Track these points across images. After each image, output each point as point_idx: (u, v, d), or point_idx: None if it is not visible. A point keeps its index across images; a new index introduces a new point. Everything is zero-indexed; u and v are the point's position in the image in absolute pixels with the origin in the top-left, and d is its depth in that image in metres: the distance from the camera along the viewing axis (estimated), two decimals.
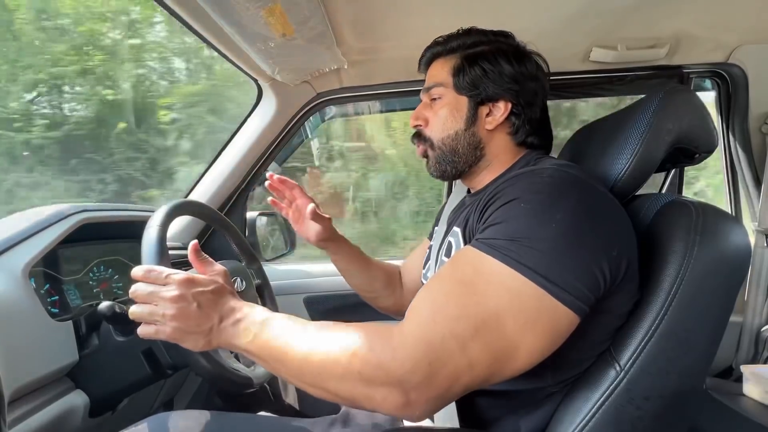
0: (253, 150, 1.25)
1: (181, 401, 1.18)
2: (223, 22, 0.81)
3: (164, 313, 0.53)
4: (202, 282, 0.56)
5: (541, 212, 0.51)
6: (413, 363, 0.46)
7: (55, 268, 0.80)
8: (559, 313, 0.48)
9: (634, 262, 0.54)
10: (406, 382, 0.46)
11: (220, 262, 0.89)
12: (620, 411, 0.54)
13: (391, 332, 0.49)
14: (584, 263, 0.49)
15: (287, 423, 0.72)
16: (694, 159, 0.71)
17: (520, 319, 0.47)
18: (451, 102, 0.70)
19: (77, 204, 0.84)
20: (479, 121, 0.70)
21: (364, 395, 0.47)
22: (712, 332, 0.56)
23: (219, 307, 0.55)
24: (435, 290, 0.52)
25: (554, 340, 0.50)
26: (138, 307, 0.55)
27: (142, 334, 0.55)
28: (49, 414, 0.68)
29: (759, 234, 1.16)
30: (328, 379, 0.49)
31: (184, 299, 0.53)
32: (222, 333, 0.54)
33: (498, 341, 0.47)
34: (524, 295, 0.48)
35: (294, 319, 0.55)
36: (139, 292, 0.54)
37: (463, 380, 0.47)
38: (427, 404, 0.47)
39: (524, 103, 0.69)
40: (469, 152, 0.70)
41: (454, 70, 0.70)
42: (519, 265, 0.48)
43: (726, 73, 1.17)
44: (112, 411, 0.81)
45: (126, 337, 0.73)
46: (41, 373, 0.68)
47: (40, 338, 0.69)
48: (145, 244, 0.65)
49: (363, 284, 0.96)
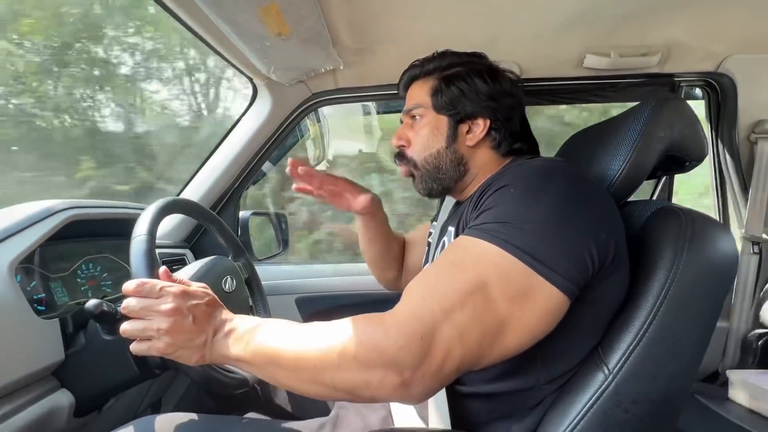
0: (247, 149, 1.24)
1: (169, 402, 1.16)
2: (219, 20, 0.80)
3: (158, 328, 0.52)
4: (197, 294, 0.56)
5: (530, 196, 0.53)
6: (406, 339, 0.46)
7: (42, 265, 0.78)
8: (548, 292, 0.49)
9: (622, 247, 0.55)
10: (400, 360, 0.46)
11: (210, 259, 0.89)
12: (608, 414, 0.55)
13: (383, 316, 0.50)
14: (572, 245, 0.50)
15: (276, 426, 0.71)
16: (684, 167, 0.72)
17: (507, 294, 0.48)
18: (431, 122, 0.73)
19: (65, 201, 0.82)
20: (460, 138, 0.72)
21: (362, 381, 0.47)
22: (700, 337, 0.57)
23: (212, 320, 0.55)
24: (426, 273, 0.54)
25: (545, 321, 0.50)
26: (130, 323, 0.53)
27: (135, 351, 0.53)
28: (33, 413, 0.67)
29: (745, 241, 1.18)
30: (325, 371, 0.48)
31: (179, 312, 0.52)
32: (215, 346, 0.54)
33: (486, 314, 0.48)
34: (512, 273, 0.49)
35: (284, 321, 0.54)
36: (131, 307, 0.53)
37: (455, 354, 0.47)
38: (423, 383, 0.47)
39: (502, 119, 0.71)
40: (453, 168, 0.73)
41: (433, 91, 0.73)
42: (507, 244, 0.49)
43: (716, 83, 1.19)
44: (98, 411, 0.80)
45: (113, 336, 0.72)
46: (26, 371, 0.66)
47: (26, 336, 0.68)
48: (134, 255, 0.63)
49: (379, 254, 0.98)
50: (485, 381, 0.61)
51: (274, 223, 1.43)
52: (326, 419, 0.73)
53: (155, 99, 2.89)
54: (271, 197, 1.90)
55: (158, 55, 2.82)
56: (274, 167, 1.42)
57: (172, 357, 0.53)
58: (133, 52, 2.71)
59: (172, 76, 2.87)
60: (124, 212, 0.97)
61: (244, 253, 0.97)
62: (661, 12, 0.93)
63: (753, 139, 1.17)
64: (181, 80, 2.89)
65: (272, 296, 1.08)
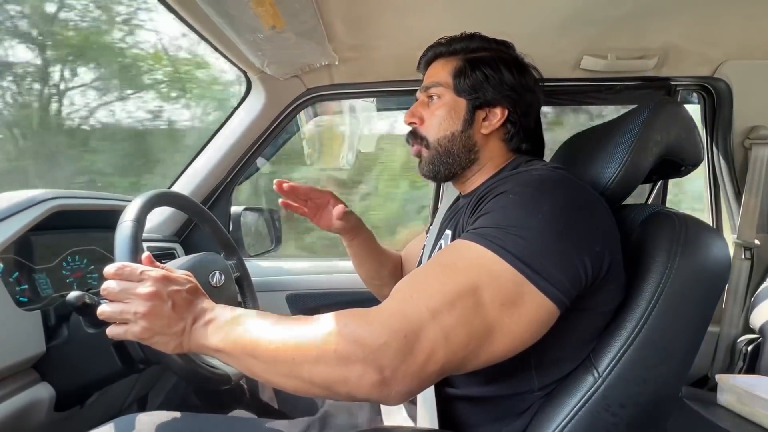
0: (240, 143, 1.23)
1: (155, 398, 1.15)
2: (212, 11, 0.79)
3: (135, 311, 0.51)
4: (179, 280, 0.54)
5: (529, 204, 0.52)
6: (389, 334, 0.45)
7: (26, 256, 0.77)
8: (538, 301, 0.48)
9: (617, 259, 0.55)
10: (381, 356, 0.45)
11: (199, 254, 0.88)
12: (596, 418, 0.54)
13: (367, 311, 0.49)
14: (567, 256, 0.49)
15: (261, 424, 0.70)
16: (680, 171, 0.72)
17: (497, 299, 0.47)
18: (449, 103, 0.70)
19: (50, 190, 0.81)
20: (475, 124, 0.70)
21: (341, 376, 0.46)
22: (690, 341, 0.57)
23: (192, 307, 0.54)
24: (417, 273, 0.53)
25: (533, 330, 0.49)
26: (108, 305, 0.52)
27: (111, 335, 0.53)
28: (11, 406, 0.66)
29: (737, 246, 1.18)
30: (303, 364, 0.47)
31: (158, 297, 0.51)
32: (193, 335, 0.53)
33: (474, 318, 0.47)
34: (503, 279, 0.48)
35: (266, 314, 0.53)
36: (110, 289, 0.52)
37: (438, 356, 0.46)
38: (403, 383, 0.46)
39: (520, 112, 0.70)
40: (464, 154, 0.70)
41: (456, 72, 0.70)
42: (502, 250, 0.48)
43: (712, 87, 1.19)
44: (80, 405, 0.79)
45: (97, 329, 0.71)
46: (5, 363, 0.65)
47: (5, 327, 0.66)
48: (119, 239, 0.62)
49: (372, 271, 0.97)
50: (477, 384, 0.60)
51: (267, 219, 1.42)
52: (314, 418, 0.72)
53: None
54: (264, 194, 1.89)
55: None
56: (268, 162, 1.41)
57: (148, 342, 0.52)
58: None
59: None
60: (113, 203, 0.95)
61: (236, 251, 0.96)
62: (658, 15, 0.93)
63: (747, 144, 1.17)
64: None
65: (262, 293, 1.07)
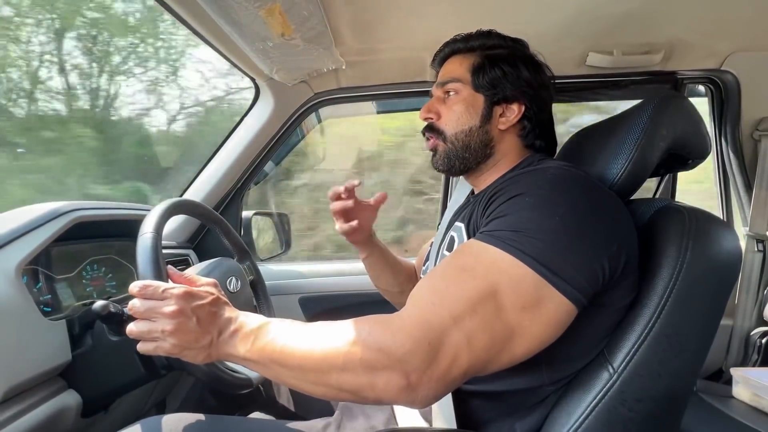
0: (250, 149, 1.24)
1: (173, 401, 1.17)
2: (222, 21, 0.81)
3: (163, 329, 0.52)
4: (200, 295, 0.56)
5: (545, 206, 0.53)
6: (413, 343, 0.46)
7: (48, 266, 0.79)
8: (558, 302, 0.49)
9: (633, 257, 0.55)
10: (406, 363, 0.46)
11: (215, 260, 0.89)
12: (613, 413, 0.55)
13: (390, 318, 0.50)
14: (585, 257, 0.50)
15: (281, 426, 0.71)
16: (687, 165, 0.72)
17: (518, 303, 0.48)
18: (467, 98, 0.71)
19: (71, 202, 0.83)
20: (493, 120, 0.71)
21: (367, 383, 0.47)
22: (704, 335, 0.57)
23: (217, 320, 0.55)
24: (435, 277, 0.54)
25: (552, 330, 0.50)
26: (136, 324, 0.54)
27: (142, 351, 0.54)
28: (41, 414, 0.67)
29: (749, 239, 1.18)
30: (330, 372, 0.48)
31: (183, 314, 0.53)
32: (221, 346, 0.54)
33: (496, 322, 0.48)
34: (524, 283, 0.49)
35: (290, 321, 0.55)
36: (136, 309, 0.53)
37: (462, 361, 0.47)
38: (428, 387, 0.47)
39: (536, 109, 0.71)
40: (480, 149, 0.71)
41: (474, 68, 0.71)
42: (521, 253, 0.49)
43: (719, 80, 1.18)
44: (104, 411, 0.81)
45: (120, 337, 0.73)
46: (34, 372, 0.67)
47: (33, 337, 0.68)
48: (140, 251, 0.63)
49: (391, 281, 0.98)
50: (489, 380, 0.61)
51: (277, 223, 1.44)
52: (330, 419, 0.73)
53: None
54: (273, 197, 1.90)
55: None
56: (276, 167, 1.43)
57: (178, 356, 0.54)
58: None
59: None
60: (130, 213, 0.97)
61: (249, 255, 0.98)
62: (663, 9, 0.93)
63: (756, 136, 1.16)
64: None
65: (276, 296, 1.09)
